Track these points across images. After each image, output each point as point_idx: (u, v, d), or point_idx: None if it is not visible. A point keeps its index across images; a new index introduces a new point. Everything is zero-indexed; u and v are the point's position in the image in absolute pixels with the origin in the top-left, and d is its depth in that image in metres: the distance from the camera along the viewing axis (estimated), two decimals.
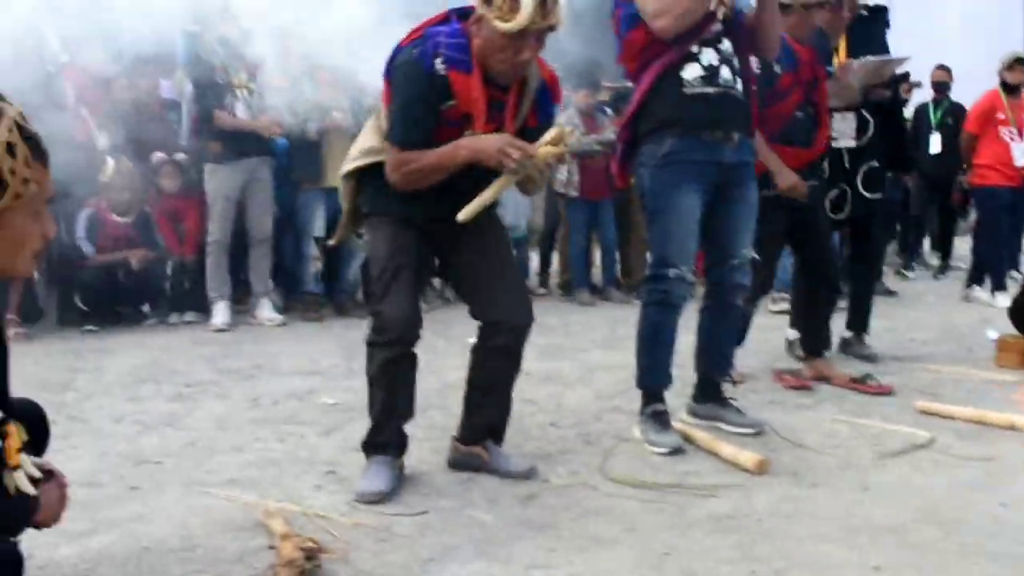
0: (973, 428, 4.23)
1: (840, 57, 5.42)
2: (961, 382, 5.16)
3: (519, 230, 8.54)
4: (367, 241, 3.49)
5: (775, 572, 2.72)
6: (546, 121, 3.38)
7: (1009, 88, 8.41)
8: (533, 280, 8.94)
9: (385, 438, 3.43)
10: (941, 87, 10.22)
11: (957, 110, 10.15)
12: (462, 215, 3.21)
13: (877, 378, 4.95)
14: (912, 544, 2.93)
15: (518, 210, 8.34)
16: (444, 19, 3.31)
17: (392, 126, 3.29)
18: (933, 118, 10.17)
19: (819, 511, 3.20)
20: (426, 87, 3.20)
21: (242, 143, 6.92)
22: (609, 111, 8.60)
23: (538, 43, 3.18)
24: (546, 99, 3.43)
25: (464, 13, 3.27)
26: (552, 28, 3.16)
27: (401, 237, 3.36)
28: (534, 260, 9.36)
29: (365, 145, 3.45)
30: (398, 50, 3.29)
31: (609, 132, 7.98)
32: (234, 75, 6.87)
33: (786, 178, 4.74)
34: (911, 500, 3.31)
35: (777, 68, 4.68)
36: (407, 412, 3.49)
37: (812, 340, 5.23)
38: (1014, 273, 9.05)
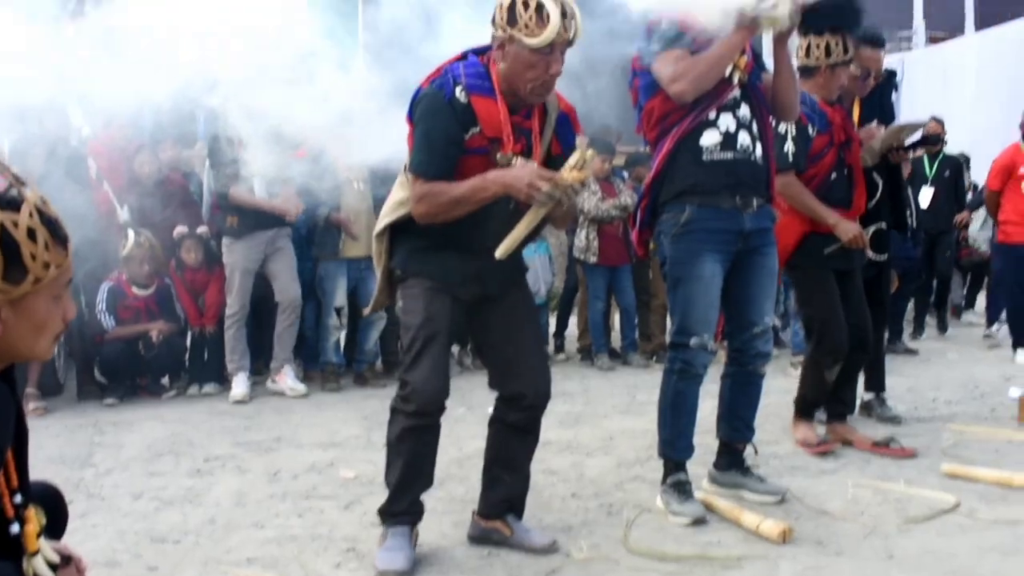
0: (999, 491, 4.18)
1: (855, 120, 5.43)
2: (985, 442, 5.11)
3: (539, 296, 8.54)
4: (400, 307, 3.46)
5: None
6: (568, 150, 3.38)
7: None
8: (550, 344, 8.93)
9: (403, 507, 3.42)
10: (934, 140, 9.96)
11: (952, 163, 10.04)
12: (499, 252, 3.20)
13: (899, 441, 4.90)
14: None
15: (538, 276, 8.37)
16: (461, 57, 3.35)
17: (415, 156, 3.29)
18: (928, 171, 10.00)
19: None
20: (448, 115, 3.22)
21: (259, 216, 6.97)
22: (625, 175, 8.64)
23: (562, 57, 3.22)
24: (567, 129, 3.46)
25: (479, 50, 3.33)
26: (571, 42, 3.21)
27: (435, 304, 3.34)
28: (551, 324, 9.33)
29: (397, 198, 3.43)
30: (418, 91, 3.33)
31: (626, 197, 8.01)
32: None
33: (847, 229, 4.77)
34: (938, 567, 3.27)
35: (811, 130, 4.73)
36: (426, 482, 3.47)
37: (836, 403, 5.18)
38: None
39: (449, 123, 3.23)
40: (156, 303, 7.17)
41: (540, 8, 3.11)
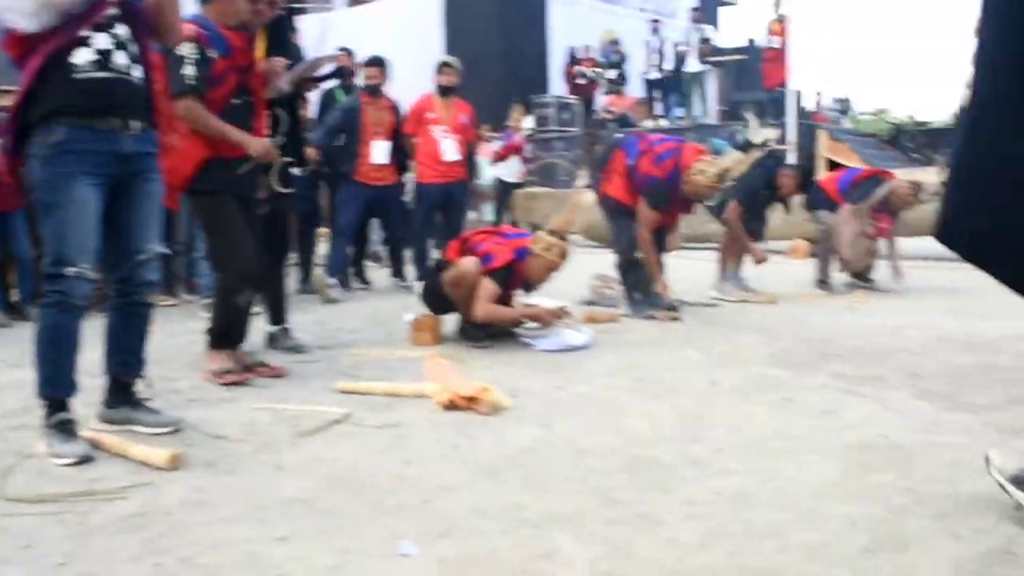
0: (386, 400, 4.47)
1: (258, 53, 5.42)
2: (380, 361, 5.45)
3: None
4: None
5: (181, 560, 2.65)
6: None
7: (442, 90, 9.09)
8: None
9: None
10: (346, 72, 9.92)
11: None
12: None
13: (268, 364, 5.17)
14: (320, 511, 3.01)
15: None
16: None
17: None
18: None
19: (230, 496, 3.16)
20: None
21: None
22: None
23: None
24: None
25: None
26: None
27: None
28: None
29: None
30: None
31: None
32: None
33: (256, 145, 4.86)
34: (322, 471, 3.41)
35: (212, 53, 4.70)
36: None
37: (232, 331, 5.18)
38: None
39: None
40: None
41: None
